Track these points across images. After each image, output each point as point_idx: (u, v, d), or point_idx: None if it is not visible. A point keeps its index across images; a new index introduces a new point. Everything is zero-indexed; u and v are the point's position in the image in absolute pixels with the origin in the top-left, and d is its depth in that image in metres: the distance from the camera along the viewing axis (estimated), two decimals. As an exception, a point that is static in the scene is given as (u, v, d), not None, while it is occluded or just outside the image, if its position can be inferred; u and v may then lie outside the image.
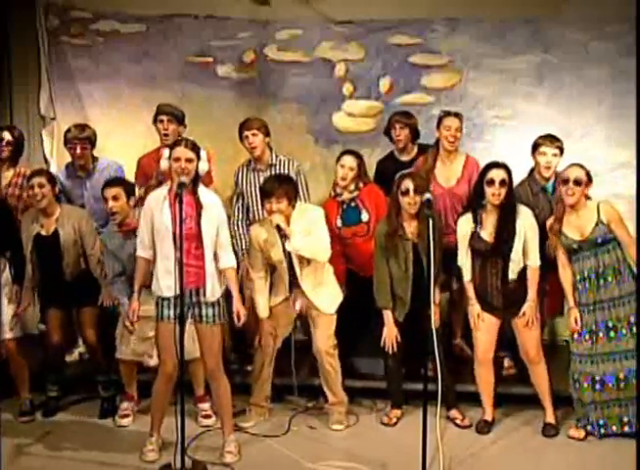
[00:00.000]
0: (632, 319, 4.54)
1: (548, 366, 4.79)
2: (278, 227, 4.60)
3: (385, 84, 6.28)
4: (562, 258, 4.65)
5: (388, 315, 4.79)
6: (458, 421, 4.87)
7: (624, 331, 4.56)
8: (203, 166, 4.27)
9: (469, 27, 6.14)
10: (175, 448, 4.16)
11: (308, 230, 4.66)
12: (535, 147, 4.95)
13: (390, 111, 6.13)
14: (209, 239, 4.27)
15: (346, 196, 5.10)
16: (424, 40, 6.18)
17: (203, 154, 4.30)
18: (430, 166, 5.14)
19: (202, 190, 4.32)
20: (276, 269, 4.81)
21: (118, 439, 4.78)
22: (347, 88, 6.31)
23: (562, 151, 4.92)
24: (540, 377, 4.77)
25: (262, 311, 4.82)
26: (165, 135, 5.32)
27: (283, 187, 4.62)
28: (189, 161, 4.22)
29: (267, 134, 5.25)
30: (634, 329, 4.54)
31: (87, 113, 6.34)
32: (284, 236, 4.61)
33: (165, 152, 4.31)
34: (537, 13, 6.04)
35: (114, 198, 4.72)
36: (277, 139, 5.94)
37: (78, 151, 5.32)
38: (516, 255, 4.59)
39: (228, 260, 4.37)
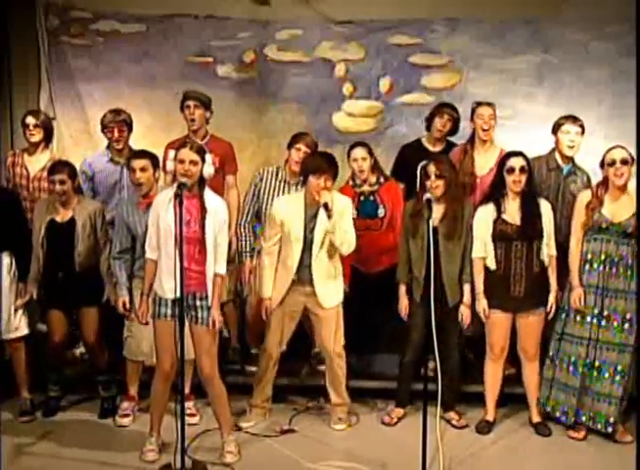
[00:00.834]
0: (628, 316, 4.57)
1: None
2: (325, 205, 4.54)
3: (385, 84, 6.28)
4: (579, 236, 4.68)
5: (401, 289, 4.84)
6: (454, 422, 4.87)
7: (616, 324, 4.59)
8: (208, 170, 4.25)
9: (469, 28, 6.15)
10: (175, 448, 4.15)
11: (340, 222, 4.62)
12: (557, 127, 5.00)
13: (391, 111, 6.19)
14: (212, 243, 4.25)
15: (366, 188, 5.14)
16: (424, 40, 6.19)
17: (208, 157, 4.27)
18: (472, 160, 5.16)
19: (207, 193, 4.29)
20: (286, 249, 4.73)
21: (118, 439, 4.78)
22: (347, 88, 6.32)
23: (583, 130, 4.96)
24: (534, 375, 4.80)
25: (266, 290, 4.78)
26: (192, 120, 5.34)
27: (333, 168, 4.65)
28: (193, 163, 4.20)
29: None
30: (626, 325, 4.57)
31: (87, 113, 6.33)
32: (329, 215, 4.55)
33: (171, 153, 4.30)
34: (537, 13, 6.05)
35: (142, 169, 4.71)
36: (277, 139, 5.96)
37: (116, 134, 5.32)
38: (546, 238, 4.65)
39: (220, 267, 4.31)
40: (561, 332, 4.73)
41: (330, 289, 4.74)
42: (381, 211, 5.11)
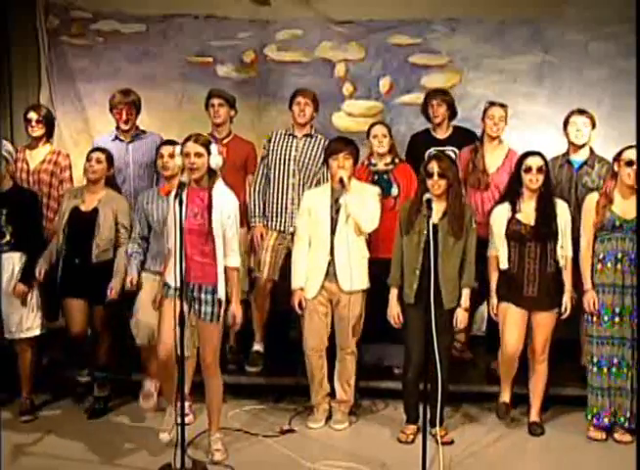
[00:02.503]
0: None
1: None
2: (341, 180, 4.66)
3: (385, 84, 6.29)
4: (589, 238, 4.68)
5: (393, 293, 4.66)
6: (438, 437, 4.50)
7: (632, 320, 4.58)
8: (215, 161, 4.23)
9: (469, 28, 6.16)
10: (175, 448, 4.15)
11: (362, 202, 4.69)
12: (566, 121, 5.07)
13: (391, 111, 6.18)
14: (220, 236, 4.23)
15: (382, 167, 5.20)
16: (424, 40, 6.20)
17: (213, 148, 4.24)
18: (482, 158, 5.20)
19: (218, 187, 4.27)
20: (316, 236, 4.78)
21: (119, 438, 4.75)
22: (347, 88, 6.32)
23: (593, 122, 5.02)
24: (541, 375, 4.78)
25: (298, 279, 4.79)
26: (216, 118, 5.42)
27: (350, 147, 4.74)
28: (198, 155, 4.20)
29: (317, 109, 5.39)
30: None
31: (87, 113, 6.35)
32: (344, 188, 4.65)
33: (177, 148, 4.32)
34: (537, 13, 6.06)
35: (170, 155, 4.76)
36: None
37: (124, 116, 5.41)
38: (562, 239, 4.63)
39: (233, 260, 4.32)
40: (592, 335, 4.69)
41: (351, 271, 4.70)
42: (394, 190, 5.13)
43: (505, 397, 4.83)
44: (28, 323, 4.93)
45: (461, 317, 4.59)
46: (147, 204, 4.87)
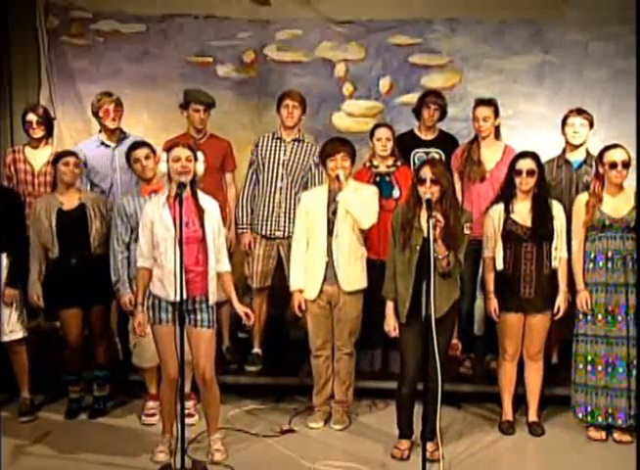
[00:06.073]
0: None
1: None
2: (337, 177, 4.66)
3: (385, 84, 6.29)
4: (580, 237, 4.66)
5: (389, 306, 4.44)
6: (428, 454, 4.15)
7: (627, 318, 4.58)
8: (199, 167, 4.27)
9: (469, 28, 6.17)
10: (175, 448, 4.15)
11: (360, 198, 4.70)
12: (564, 121, 5.07)
13: (391, 111, 6.18)
14: (212, 242, 4.26)
15: (383, 169, 5.20)
16: (424, 40, 6.20)
17: (199, 155, 4.29)
18: (478, 149, 5.21)
19: (200, 194, 4.31)
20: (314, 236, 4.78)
21: (119, 439, 4.77)
22: (347, 88, 6.33)
23: (591, 123, 5.03)
24: (536, 375, 4.78)
25: (296, 280, 4.80)
26: (200, 124, 5.43)
27: (347, 147, 4.74)
28: (189, 160, 4.22)
29: (304, 111, 5.38)
30: None
31: (87, 113, 6.32)
32: (340, 186, 4.65)
33: (163, 155, 4.31)
34: (537, 14, 6.06)
35: (147, 157, 4.81)
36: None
37: (112, 113, 5.39)
38: (557, 240, 4.62)
39: (225, 264, 4.36)
40: (585, 334, 4.68)
41: (351, 271, 4.72)
42: (396, 192, 5.14)
43: (508, 415, 4.83)
44: (10, 326, 4.92)
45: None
46: (128, 204, 4.78)
